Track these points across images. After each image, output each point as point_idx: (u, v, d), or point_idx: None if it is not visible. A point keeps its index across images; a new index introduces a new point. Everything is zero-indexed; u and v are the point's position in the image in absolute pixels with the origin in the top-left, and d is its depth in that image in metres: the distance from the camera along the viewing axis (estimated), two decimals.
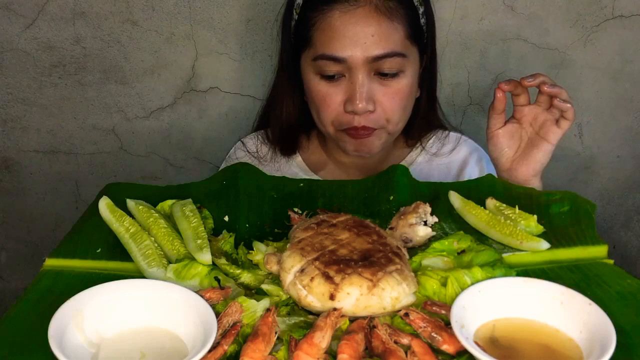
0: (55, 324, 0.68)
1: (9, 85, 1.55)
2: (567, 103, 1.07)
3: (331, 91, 1.16)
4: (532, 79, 1.08)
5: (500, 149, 1.15)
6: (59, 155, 1.63)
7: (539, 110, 1.11)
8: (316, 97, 1.18)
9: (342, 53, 1.12)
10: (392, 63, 1.13)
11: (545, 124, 1.10)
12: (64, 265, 0.85)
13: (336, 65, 1.13)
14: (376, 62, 1.12)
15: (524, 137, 1.14)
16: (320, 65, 1.15)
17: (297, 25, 1.20)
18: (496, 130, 1.14)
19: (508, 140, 1.14)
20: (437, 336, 0.72)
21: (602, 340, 0.68)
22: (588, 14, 1.56)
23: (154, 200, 0.97)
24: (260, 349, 0.69)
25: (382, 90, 1.15)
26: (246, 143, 1.35)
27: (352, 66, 1.12)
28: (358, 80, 1.13)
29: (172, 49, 1.53)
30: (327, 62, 1.14)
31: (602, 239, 0.91)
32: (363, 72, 1.13)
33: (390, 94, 1.15)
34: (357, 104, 1.12)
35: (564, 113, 1.08)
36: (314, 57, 1.16)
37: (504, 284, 0.77)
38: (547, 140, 1.10)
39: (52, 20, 1.49)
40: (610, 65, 1.62)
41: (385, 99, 1.15)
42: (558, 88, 1.07)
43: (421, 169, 1.31)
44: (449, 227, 0.94)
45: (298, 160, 1.33)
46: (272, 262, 0.83)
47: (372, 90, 1.14)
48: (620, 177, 1.77)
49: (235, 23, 1.52)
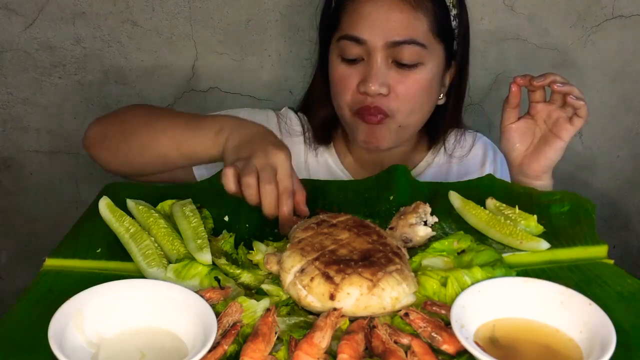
0: (55, 324, 0.68)
1: (9, 85, 1.55)
2: (580, 100, 1.07)
3: (349, 72, 1.17)
4: (543, 79, 1.09)
5: (512, 143, 1.15)
6: (59, 155, 1.63)
7: (552, 108, 1.12)
8: (335, 79, 1.20)
9: (363, 34, 1.14)
10: (411, 52, 1.14)
11: (559, 121, 1.11)
12: (64, 265, 0.85)
13: (357, 47, 1.15)
14: (395, 48, 1.14)
15: (536, 133, 1.14)
16: (342, 47, 1.17)
17: (332, 11, 1.23)
18: (509, 124, 1.14)
19: (520, 135, 1.15)
20: (437, 336, 0.72)
21: (602, 340, 0.68)
22: (588, 14, 1.56)
23: (154, 200, 0.97)
24: (260, 349, 0.69)
25: (398, 79, 1.16)
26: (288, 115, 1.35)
27: (371, 49, 1.14)
28: (375, 63, 1.14)
29: (172, 49, 1.53)
30: (348, 43, 1.16)
31: (602, 239, 0.91)
32: (381, 57, 1.14)
33: (406, 84, 1.16)
34: (370, 85, 1.14)
35: (577, 110, 1.08)
36: (338, 38, 1.18)
37: (504, 284, 0.77)
38: (560, 137, 1.11)
39: (52, 20, 1.49)
40: (610, 65, 1.62)
41: (401, 87, 1.16)
42: (569, 86, 1.08)
43: (440, 170, 1.32)
44: (449, 227, 0.94)
45: (332, 151, 1.33)
46: (272, 262, 0.83)
47: (388, 75, 1.15)
48: (620, 177, 1.77)
49: (235, 23, 1.52)
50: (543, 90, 1.12)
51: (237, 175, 0.90)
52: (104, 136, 1.14)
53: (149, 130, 1.09)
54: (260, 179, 0.89)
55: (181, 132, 1.05)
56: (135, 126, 1.11)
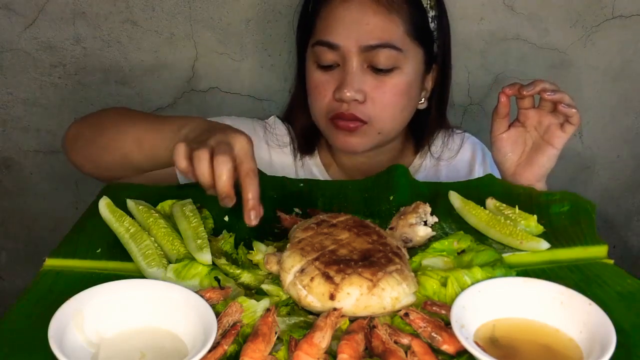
0: (55, 324, 0.68)
1: (9, 85, 1.55)
2: (572, 108, 1.04)
3: (324, 79, 1.16)
4: (532, 87, 1.05)
5: (504, 153, 1.12)
6: (59, 155, 1.63)
7: (543, 114, 1.09)
8: (311, 85, 1.18)
9: (337, 39, 1.13)
10: (387, 56, 1.12)
11: (550, 128, 1.08)
12: (64, 265, 0.85)
13: (331, 53, 1.14)
14: (370, 52, 1.12)
15: (528, 141, 1.12)
16: (317, 52, 1.16)
17: (306, 15, 1.22)
18: (500, 134, 1.12)
19: (512, 144, 1.12)
20: (437, 336, 0.72)
21: (602, 340, 0.68)
22: (588, 14, 1.56)
23: (154, 200, 0.97)
24: (260, 349, 0.69)
25: (374, 84, 1.14)
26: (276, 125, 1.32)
27: (346, 54, 1.12)
28: (350, 68, 1.12)
29: (172, 49, 1.53)
30: (322, 49, 1.14)
31: (602, 239, 0.91)
32: (356, 62, 1.12)
33: (383, 89, 1.14)
34: (345, 91, 1.12)
35: (569, 118, 1.05)
36: (313, 43, 1.17)
37: (504, 284, 0.77)
38: (552, 144, 1.08)
39: (52, 20, 1.49)
40: (610, 65, 1.62)
41: (377, 93, 1.14)
42: (560, 94, 1.05)
43: (428, 173, 1.30)
44: (449, 227, 0.94)
45: (317, 161, 1.31)
46: (272, 262, 0.83)
47: (364, 81, 1.13)
48: (620, 177, 1.77)
49: (235, 23, 1.52)
50: (532, 97, 1.09)
51: (189, 152, 0.83)
52: (77, 137, 1.14)
53: (113, 130, 1.07)
54: (214, 153, 0.81)
55: (144, 131, 1.01)
56: (103, 127, 1.09)
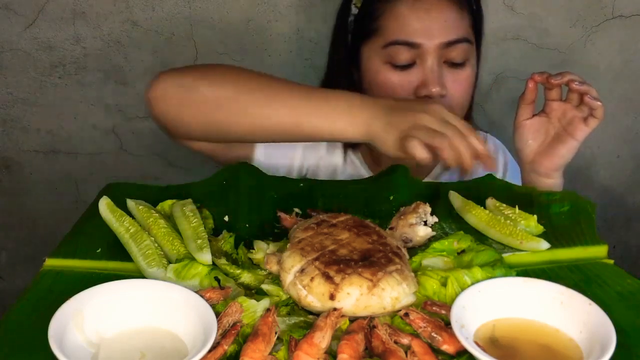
0: (55, 324, 0.68)
1: (9, 85, 1.55)
2: (597, 101, 1.07)
3: (402, 79, 1.17)
4: (560, 77, 1.08)
5: (525, 140, 1.14)
6: (59, 155, 1.64)
7: (568, 107, 1.11)
8: (386, 86, 1.18)
9: (417, 38, 1.14)
10: (461, 50, 1.16)
11: (574, 120, 1.10)
12: (64, 265, 0.85)
13: (409, 52, 1.15)
14: (447, 48, 1.15)
15: (550, 131, 1.13)
16: (391, 53, 1.16)
17: (359, 17, 1.22)
18: (524, 120, 1.14)
19: (534, 132, 1.14)
20: (437, 336, 0.72)
21: (602, 340, 0.68)
22: (588, 14, 1.56)
23: (154, 200, 0.97)
24: (260, 349, 0.69)
25: (451, 77, 1.16)
26: None
27: (425, 52, 1.14)
28: (432, 65, 1.15)
29: (172, 49, 1.53)
30: (400, 48, 1.15)
31: (602, 239, 0.91)
32: (436, 58, 1.15)
33: (459, 81, 1.17)
34: (431, 88, 1.14)
35: (593, 111, 1.07)
36: (384, 44, 1.17)
37: (504, 284, 0.77)
38: (574, 137, 1.10)
39: (52, 20, 1.49)
40: (610, 65, 1.62)
41: (454, 86, 1.17)
42: (587, 86, 1.07)
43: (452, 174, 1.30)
44: (449, 227, 0.94)
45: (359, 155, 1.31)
46: (272, 262, 0.83)
47: (444, 76, 1.16)
48: (620, 177, 1.77)
49: (235, 23, 1.52)
50: (560, 88, 1.11)
51: (422, 143, 0.89)
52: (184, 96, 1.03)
53: (260, 97, 1.01)
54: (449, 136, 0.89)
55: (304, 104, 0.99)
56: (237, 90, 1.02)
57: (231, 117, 1.02)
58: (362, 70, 1.22)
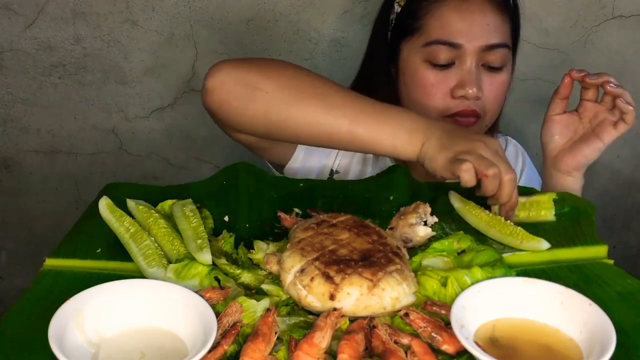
0: (55, 324, 0.68)
1: (9, 85, 1.55)
2: (630, 105, 1.07)
3: (440, 78, 1.18)
4: (597, 77, 1.09)
5: (551, 134, 1.15)
6: (59, 155, 1.64)
7: (601, 109, 1.11)
8: (423, 84, 1.19)
9: (458, 39, 1.15)
10: (500, 55, 1.17)
11: (604, 123, 1.10)
12: (64, 265, 0.85)
13: (449, 52, 1.16)
14: (487, 51, 1.16)
15: (579, 130, 1.14)
16: (432, 52, 1.17)
17: (402, 15, 1.23)
18: (554, 114, 1.14)
19: (562, 128, 1.14)
20: (437, 336, 0.72)
21: (602, 340, 0.68)
22: (588, 14, 1.56)
23: (154, 200, 0.97)
24: (260, 349, 0.69)
25: (488, 81, 1.18)
26: None
27: (466, 53, 1.15)
28: (470, 67, 1.16)
29: (172, 49, 1.53)
30: (440, 48, 1.16)
31: (602, 239, 0.91)
32: (475, 60, 1.16)
33: (495, 86, 1.19)
34: (468, 90, 1.15)
35: (624, 116, 1.08)
36: (425, 43, 1.18)
37: (504, 284, 0.77)
38: (601, 139, 1.11)
39: (52, 20, 1.49)
40: (610, 65, 1.62)
41: (490, 89, 1.18)
42: (622, 89, 1.08)
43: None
44: (449, 227, 0.94)
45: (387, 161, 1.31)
46: (272, 262, 0.83)
47: (481, 79, 1.17)
48: (620, 177, 1.77)
49: (235, 23, 1.52)
50: (597, 90, 1.12)
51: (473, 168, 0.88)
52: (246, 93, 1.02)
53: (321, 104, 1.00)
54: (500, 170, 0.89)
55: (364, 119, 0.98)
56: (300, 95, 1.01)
57: (290, 120, 1.01)
58: (400, 67, 1.23)
